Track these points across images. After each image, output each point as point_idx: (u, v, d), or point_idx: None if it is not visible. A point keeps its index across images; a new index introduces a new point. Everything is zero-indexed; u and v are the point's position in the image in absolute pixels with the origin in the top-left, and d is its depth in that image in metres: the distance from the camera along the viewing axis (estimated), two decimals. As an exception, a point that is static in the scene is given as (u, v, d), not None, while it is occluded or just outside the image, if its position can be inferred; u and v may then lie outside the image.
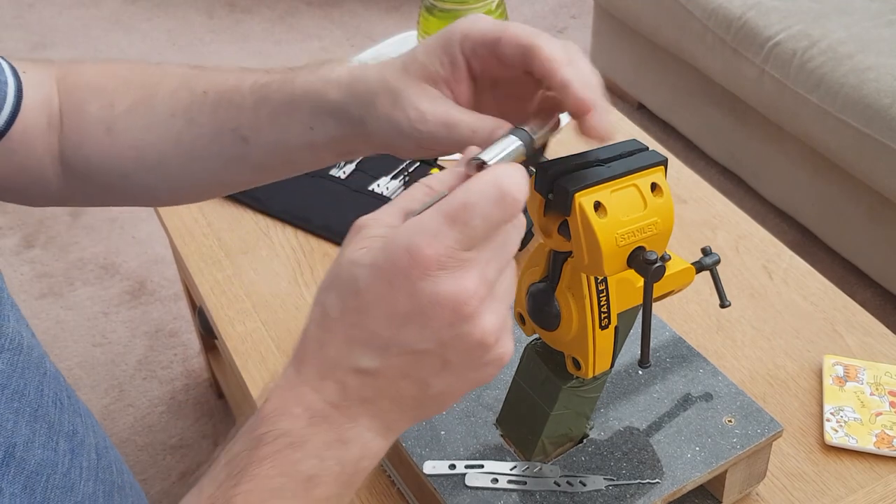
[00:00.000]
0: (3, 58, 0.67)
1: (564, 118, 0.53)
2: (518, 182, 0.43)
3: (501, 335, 0.45)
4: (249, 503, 0.43)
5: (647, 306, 0.59)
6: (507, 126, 0.51)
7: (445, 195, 0.43)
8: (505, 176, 0.43)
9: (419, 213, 0.43)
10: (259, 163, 0.65)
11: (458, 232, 0.42)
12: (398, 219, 0.44)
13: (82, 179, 0.70)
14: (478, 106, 0.55)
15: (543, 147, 0.54)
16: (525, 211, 0.57)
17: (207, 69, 0.67)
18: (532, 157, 0.51)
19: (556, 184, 0.55)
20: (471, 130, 0.52)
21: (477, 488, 0.70)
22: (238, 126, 0.63)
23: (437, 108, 0.53)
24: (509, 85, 0.56)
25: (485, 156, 0.47)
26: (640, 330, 0.61)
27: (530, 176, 0.52)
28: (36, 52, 2.73)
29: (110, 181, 0.69)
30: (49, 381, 0.61)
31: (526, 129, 0.51)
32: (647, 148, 0.58)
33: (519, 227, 0.45)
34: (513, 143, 0.49)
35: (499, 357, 0.45)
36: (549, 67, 0.50)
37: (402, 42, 1.41)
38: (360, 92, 0.56)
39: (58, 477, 0.58)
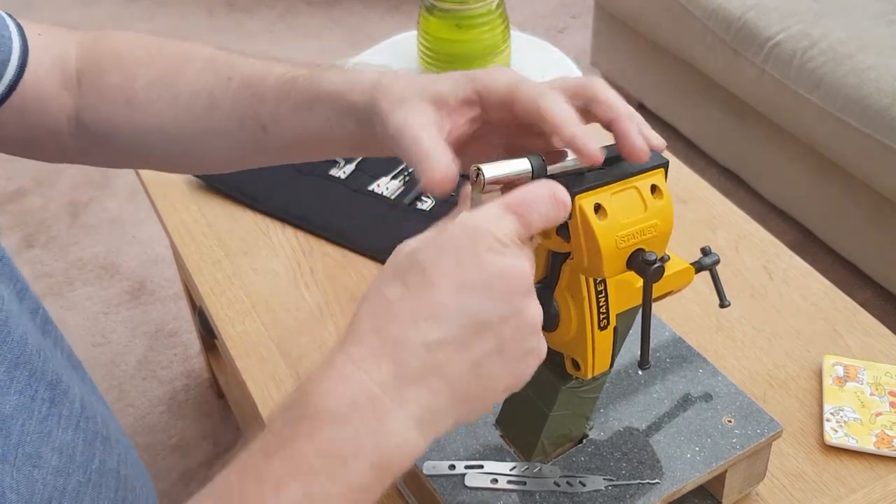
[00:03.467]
0: (9, 15, 0.69)
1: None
2: (565, 192, 0.51)
3: (540, 329, 0.49)
4: (280, 479, 0.43)
5: (646, 307, 0.59)
6: (455, 178, 0.54)
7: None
8: (556, 184, 0.51)
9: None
10: (277, 149, 0.67)
11: (517, 221, 0.49)
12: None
13: (101, 142, 0.71)
14: (485, 134, 0.59)
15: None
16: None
17: (235, 54, 0.68)
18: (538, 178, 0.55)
19: (556, 185, 0.55)
20: (421, 156, 0.54)
21: (476, 488, 0.70)
22: (258, 115, 0.65)
23: (414, 123, 0.55)
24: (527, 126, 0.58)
25: (484, 166, 0.52)
26: (639, 330, 0.61)
27: None
28: (36, 51, 2.73)
29: (131, 146, 0.70)
30: (33, 331, 0.63)
31: (543, 157, 0.54)
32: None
33: None
34: (521, 165, 0.54)
35: (537, 349, 0.49)
36: (555, 130, 0.54)
37: (401, 42, 1.41)
38: (378, 97, 0.59)
39: (34, 423, 0.59)
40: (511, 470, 0.71)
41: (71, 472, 0.62)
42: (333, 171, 1.18)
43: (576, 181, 0.55)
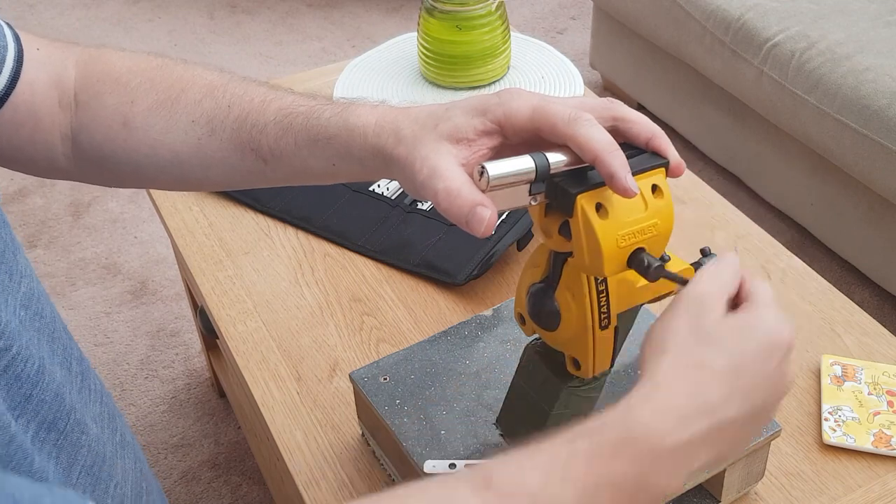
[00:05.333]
0: (8, 24, 0.68)
1: None
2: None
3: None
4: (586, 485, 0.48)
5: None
6: (485, 214, 0.54)
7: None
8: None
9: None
10: (278, 179, 0.67)
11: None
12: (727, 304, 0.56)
13: (94, 163, 0.71)
14: (501, 151, 0.59)
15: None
16: (526, 211, 0.58)
17: (235, 79, 0.68)
18: (542, 178, 0.55)
19: (558, 185, 0.56)
20: (447, 193, 0.55)
21: (478, 487, 0.70)
22: (258, 148, 0.65)
23: (444, 172, 0.56)
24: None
25: (488, 164, 0.53)
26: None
27: (541, 192, 0.56)
28: (37, 52, 2.73)
29: (125, 169, 0.70)
30: (56, 313, 0.65)
31: (546, 155, 0.55)
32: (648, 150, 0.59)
33: None
34: (525, 163, 0.54)
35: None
36: (595, 160, 0.54)
37: (402, 44, 1.41)
38: (385, 144, 0.59)
39: (75, 393, 0.62)
40: (512, 468, 0.71)
41: (105, 441, 0.65)
42: (334, 172, 1.19)
43: (577, 180, 0.56)
